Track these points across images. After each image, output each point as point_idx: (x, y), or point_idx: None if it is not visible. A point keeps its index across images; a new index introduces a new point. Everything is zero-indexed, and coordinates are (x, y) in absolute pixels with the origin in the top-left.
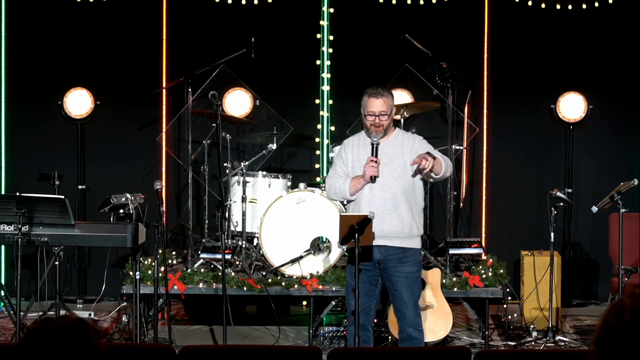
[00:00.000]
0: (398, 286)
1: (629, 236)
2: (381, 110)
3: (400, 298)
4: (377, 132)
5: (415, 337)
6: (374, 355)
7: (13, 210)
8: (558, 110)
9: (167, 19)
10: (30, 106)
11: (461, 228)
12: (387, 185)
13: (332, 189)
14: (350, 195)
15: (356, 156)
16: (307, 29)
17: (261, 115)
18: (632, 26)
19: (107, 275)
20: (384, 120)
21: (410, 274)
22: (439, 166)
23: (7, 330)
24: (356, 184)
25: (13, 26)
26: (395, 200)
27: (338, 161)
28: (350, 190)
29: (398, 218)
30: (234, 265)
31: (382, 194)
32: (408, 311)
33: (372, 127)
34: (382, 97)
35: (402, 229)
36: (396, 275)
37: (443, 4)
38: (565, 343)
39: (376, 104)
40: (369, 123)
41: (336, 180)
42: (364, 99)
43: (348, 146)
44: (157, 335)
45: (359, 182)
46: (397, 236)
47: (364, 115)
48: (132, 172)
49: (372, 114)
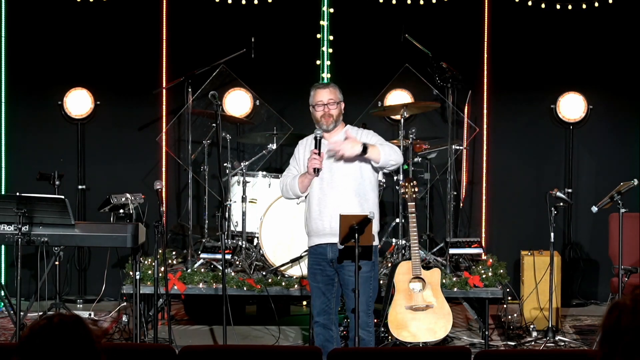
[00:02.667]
0: (349, 285)
1: (629, 236)
2: (330, 99)
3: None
4: (328, 122)
5: (363, 338)
6: (374, 355)
7: (13, 210)
8: (558, 110)
9: (167, 19)
10: (30, 106)
11: (461, 228)
12: (336, 181)
13: (285, 187)
14: (301, 193)
15: (308, 155)
16: (307, 29)
17: (261, 115)
18: (632, 26)
19: (107, 275)
20: (332, 109)
21: (363, 273)
22: (375, 153)
23: (7, 330)
24: (303, 180)
25: (13, 26)
26: (345, 197)
27: (292, 161)
28: (299, 187)
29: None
30: (234, 265)
31: (331, 191)
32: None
33: (323, 119)
34: (328, 87)
35: None
36: (348, 274)
37: (443, 4)
38: (565, 343)
39: (323, 93)
40: (319, 114)
41: (287, 179)
42: (311, 93)
43: (301, 145)
44: (157, 335)
45: (306, 178)
46: None
47: (313, 108)
48: (132, 172)
49: (321, 103)
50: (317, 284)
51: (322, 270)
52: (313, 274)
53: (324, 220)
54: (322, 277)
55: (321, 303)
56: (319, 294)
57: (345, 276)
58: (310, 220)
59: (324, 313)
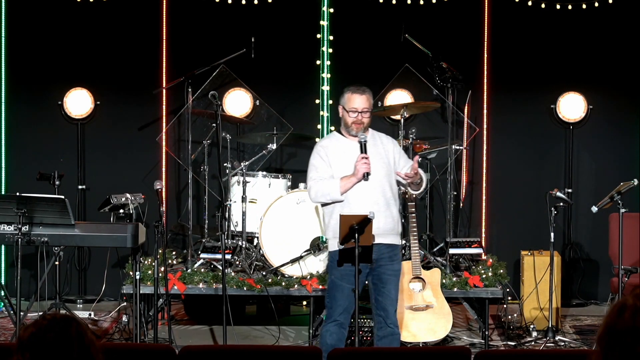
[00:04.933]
0: (387, 284)
1: (629, 236)
2: (364, 107)
3: (387, 295)
4: (358, 129)
5: (397, 333)
6: (374, 355)
7: (13, 210)
8: (558, 110)
9: (167, 19)
10: (30, 106)
11: (461, 228)
12: (376, 182)
13: (320, 192)
14: (340, 195)
15: (338, 158)
16: (307, 29)
17: (261, 115)
18: (632, 26)
19: (107, 275)
20: (365, 117)
21: (397, 272)
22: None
23: (7, 330)
24: (347, 184)
25: (13, 26)
26: (385, 197)
27: (318, 163)
28: (341, 190)
29: (390, 215)
30: (234, 265)
31: (373, 191)
32: (392, 308)
33: (353, 125)
34: (365, 93)
35: (393, 226)
36: (386, 273)
37: (443, 4)
38: (565, 343)
39: (360, 101)
40: (350, 120)
41: (322, 183)
42: (345, 95)
43: (327, 148)
44: (157, 335)
45: (349, 181)
46: (389, 233)
47: (345, 111)
48: (132, 172)
49: (355, 110)
50: (349, 285)
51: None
52: (344, 275)
53: None
54: (353, 279)
55: (347, 303)
56: (347, 294)
57: (384, 275)
58: None
59: (346, 313)
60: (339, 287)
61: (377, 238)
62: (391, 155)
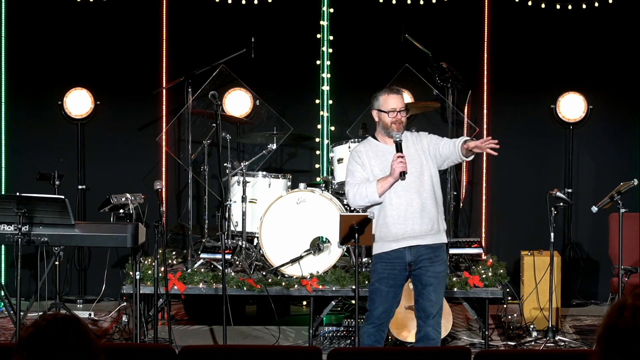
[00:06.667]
0: (428, 286)
1: (629, 236)
2: (401, 107)
3: (428, 297)
4: (399, 128)
5: (433, 338)
6: (374, 355)
7: (13, 210)
8: (558, 110)
9: (167, 19)
10: (30, 106)
11: (461, 228)
12: (410, 184)
13: (358, 195)
14: (379, 197)
15: (373, 161)
16: (307, 29)
17: (261, 115)
18: (632, 26)
19: (107, 275)
20: (403, 116)
21: (440, 274)
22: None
23: (7, 330)
24: (384, 184)
25: (13, 26)
26: (420, 198)
27: (355, 168)
28: (379, 191)
29: (427, 215)
30: (234, 265)
31: (406, 193)
32: (433, 311)
33: (394, 125)
34: (400, 93)
35: (432, 226)
36: (426, 275)
37: (443, 4)
38: (565, 343)
39: (397, 101)
40: (390, 120)
41: (360, 186)
42: (381, 97)
43: (362, 153)
44: (157, 335)
45: (387, 182)
46: (428, 233)
47: (383, 112)
48: (132, 172)
49: (394, 110)
50: (388, 289)
51: (394, 275)
52: (382, 278)
53: (407, 223)
54: (393, 282)
55: (386, 306)
56: (387, 299)
57: (424, 277)
58: (385, 225)
59: (386, 316)
60: (377, 289)
61: (414, 240)
62: (427, 150)
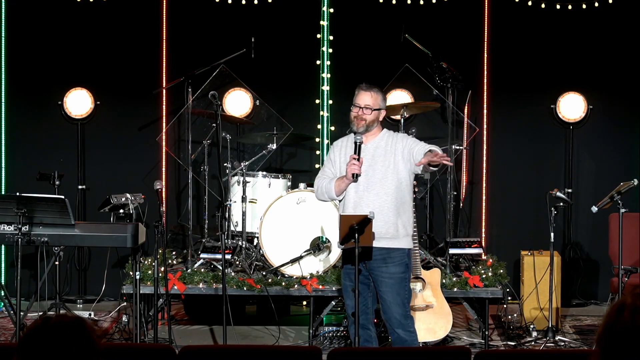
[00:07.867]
0: (382, 287)
1: (629, 236)
2: (366, 104)
3: (384, 299)
4: (359, 125)
5: (405, 339)
6: (374, 355)
7: (13, 210)
8: (558, 110)
9: (167, 19)
10: (30, 106)
11: (461, 228)
12: (372, 185)
13: (319, 190)
14: (336, 195)
15: (344, 157)
16: (307, 29)
17: (261, 115)
18: (632, 26)
19: (107, 275)
20: (366, 114)
21: (395, 275)
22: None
23: (7, 330)
24: (340, 184)
25: (13, 26)
26: (380, 201)
27: (327, 162)
28: (335, 190)
29: (383, 219)
30: (234, 265)
31: (367, 194)
32: (393, 312)
33: (355, 119)
34: (370, 91)
35: (386, 230)
36: (380, 276)
37: (443, 4)
38: (565, 343)
39: (362, 97)
40: (352, 115)
41: (323, 181)
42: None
43: (337, 147)
44: (157, 335)
45: (343, 182)
46: (382, 237)
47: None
48: (132, 172)
49: (357, 105)
50: (350, 283)
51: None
52: (346, 274)
53: None
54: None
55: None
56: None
57: (379, 278)
58: None
59: (361, 313)
60: (344, 285)
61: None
62: (400, 153)
